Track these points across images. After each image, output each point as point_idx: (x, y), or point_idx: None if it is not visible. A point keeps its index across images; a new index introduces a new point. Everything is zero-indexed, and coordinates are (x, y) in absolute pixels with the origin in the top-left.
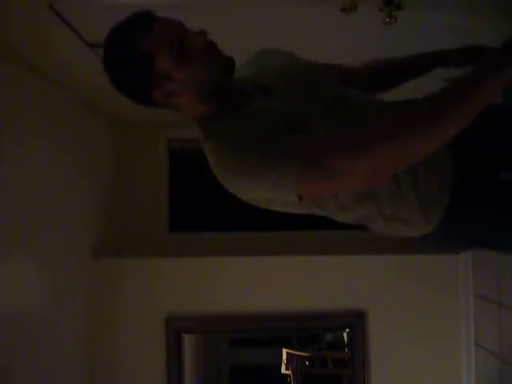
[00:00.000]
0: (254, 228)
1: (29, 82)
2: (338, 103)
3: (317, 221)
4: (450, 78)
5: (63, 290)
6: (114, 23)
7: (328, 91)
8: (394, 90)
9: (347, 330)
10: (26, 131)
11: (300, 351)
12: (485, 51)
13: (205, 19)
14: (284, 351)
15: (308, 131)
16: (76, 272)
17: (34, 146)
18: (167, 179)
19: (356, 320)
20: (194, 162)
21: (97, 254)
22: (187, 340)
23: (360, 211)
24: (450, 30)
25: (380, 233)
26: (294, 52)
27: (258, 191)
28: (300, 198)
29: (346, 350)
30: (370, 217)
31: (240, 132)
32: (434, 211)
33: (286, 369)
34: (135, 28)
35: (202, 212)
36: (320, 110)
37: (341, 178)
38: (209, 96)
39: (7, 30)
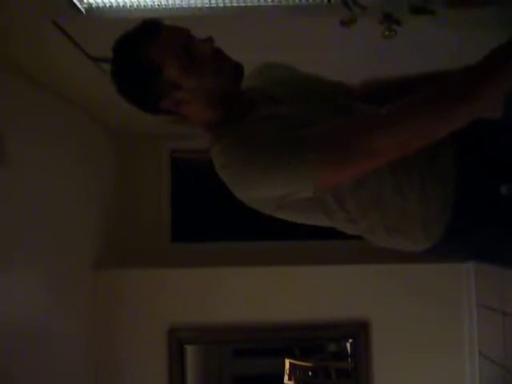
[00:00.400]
0: (256, 238)
1: (32, 95)
2: (347, 109)
3: (320, 231)
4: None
5: (65, 300)
6: (117, 36)
7: (336, 101)
8: None
9: (350, 340)
10: (29, 141)
11: (303, 361)
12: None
13: (207, 33)
14: (287, 361)
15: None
16: (78, 283)
17: (37, 156)
18: (169, 189)
19: (359, 330)
20: (196, 172)
21: (99, 264)
22: (190, 351)
23: (365, 222)
24: (449, 44)
25: (379, 245)
26: (293, 66)
27: (272, 188)
28: (315, 192)
29: (349, 360)
30: (373, 229)
31: (250, 132)
32: (434, 228)
33: (289, 379)
34: (142, 37)
35: (204, 222)
36: (328, 113)
37: (362, 157)
38: (218, 102)
39: (10, 44)
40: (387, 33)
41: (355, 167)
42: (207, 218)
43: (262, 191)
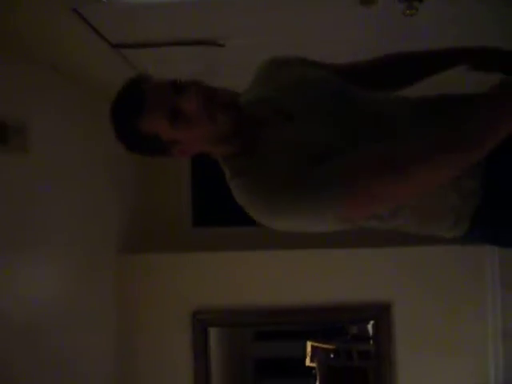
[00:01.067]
0: None
1: (52, 83)
2: (367, 120)
3: None
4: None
5: (90, 284)
6: (139, 24)
7: (353, 109)
8: (411, 86)
9: (372, 322)
10: (51, 129)
11: (325, 344)
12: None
13: (228, 18)
14: (309, 344)
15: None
16: (102, 267)
17: (59, 142)
18: (190, 174)
19: (381, 312)
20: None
21: (123, 249)
22: (212, 334)
23: (395, 221)
24: (469, 20)
25: (408, 231)
26: (305, 57)
27: (296, 226)
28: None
29: (371, 342)
30: (402, 227)
31: (268, 168)
32: (465, 218)
33: (311, 361)
34: (130, 112)
35: (226, 206)
36: (347, 134)
37: (381, 201)
38: (223, 141)
39: (30, 33)
40: (408, 11)
41: (376, 207)
42: (229, 202)
43: (288, 228)
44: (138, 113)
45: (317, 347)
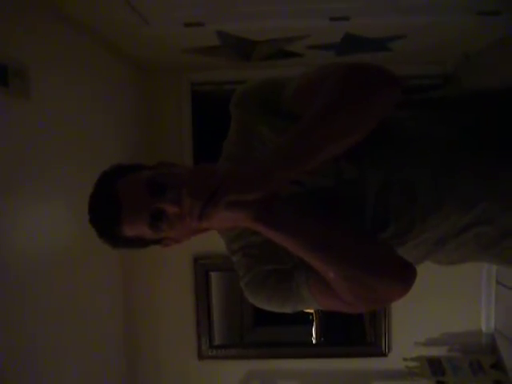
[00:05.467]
0: None
1: (55, 29)
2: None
3: None
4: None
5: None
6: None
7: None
8: None
9: None
10: (51, 72)
11: None
12: None
13: None
14: None
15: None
16: None
17: (59, 90)
18: (190, 122)
19: None
20: (218, 105)
21: None
22: (214, 280)
23: None
24: None
25: None
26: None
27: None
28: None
29: None
30: None
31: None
32: None
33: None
34: (107, 221)
35: None
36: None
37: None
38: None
39: None
40: None
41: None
42: None
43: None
44: (116, 221)
45: None
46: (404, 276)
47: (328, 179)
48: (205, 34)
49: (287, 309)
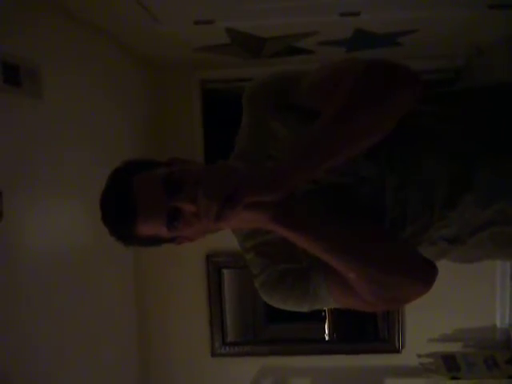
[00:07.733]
0: None
1: (65, 26)
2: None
3: None
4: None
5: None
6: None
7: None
8: None
9: None
10: (62, 71)
11: None
12: None
13: None
14: None
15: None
16: None
17: (71, 88)
18: (201, 120)
19: None
20: (228, 102)
21: None
22: (227, 277)
23: None
24: None
25: None
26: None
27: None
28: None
29: None
30: None
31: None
32: None
33: None
34: (122, 219)
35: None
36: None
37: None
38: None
39: None
40: None
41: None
42: None
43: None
44: (131, 221)
45: None
46: (426, 275)
47: (346, 177)
48: (215, 32)
49: (304, 308)
